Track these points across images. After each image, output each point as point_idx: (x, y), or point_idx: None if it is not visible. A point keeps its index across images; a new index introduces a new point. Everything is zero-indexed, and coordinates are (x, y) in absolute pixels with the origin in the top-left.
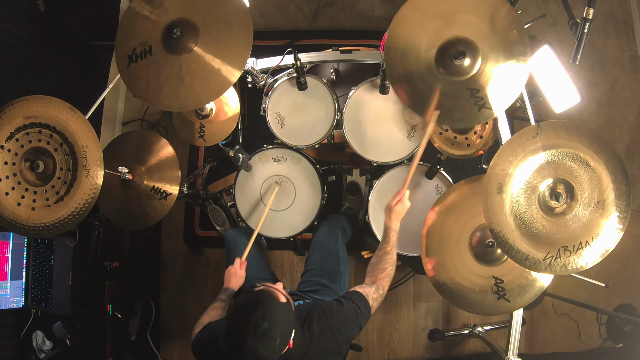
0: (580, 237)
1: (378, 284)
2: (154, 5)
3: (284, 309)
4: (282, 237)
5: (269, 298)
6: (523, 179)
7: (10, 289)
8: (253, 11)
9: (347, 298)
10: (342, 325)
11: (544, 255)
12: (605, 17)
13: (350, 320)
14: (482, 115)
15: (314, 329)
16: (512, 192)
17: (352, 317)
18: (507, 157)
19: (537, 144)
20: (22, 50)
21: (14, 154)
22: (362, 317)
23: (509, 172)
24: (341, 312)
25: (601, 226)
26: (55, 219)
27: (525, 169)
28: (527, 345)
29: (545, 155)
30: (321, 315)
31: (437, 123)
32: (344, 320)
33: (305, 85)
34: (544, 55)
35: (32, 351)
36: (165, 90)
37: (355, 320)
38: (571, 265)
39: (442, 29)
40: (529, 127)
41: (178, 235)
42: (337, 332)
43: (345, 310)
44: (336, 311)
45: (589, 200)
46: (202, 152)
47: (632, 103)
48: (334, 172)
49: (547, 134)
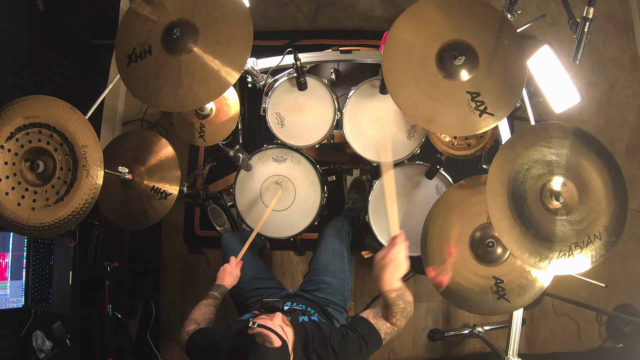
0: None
1: (393, 320)
2: (154, 5)
3: (277, 356)
4: (282, 237)
5: (263, 346)
6: (524, 181)
7: (10, 288)
8: (253, 11)
9: (355, 330)
10: (343, 353)
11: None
12: (605, 17)
13: (351, 355)
14: (483, 121)
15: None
16: (514, 195)
17: (354, 352)
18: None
19: (538, 144)
20: (22, 50)
21: (14, 154)
22: (367, 351)
23: (510, 172)
24: (343, 347)
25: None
26: (55, 219)
27: (525, 171)
28: (527, 345)
29: (545, 155)
30: (322, 349)
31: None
32: (343, 357)
33: (305, 85)
34: (544, 55)
35: (32, 351)
36: (164, 90)
37: (357, 354)
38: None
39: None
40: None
41: (178, 235)
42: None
43: (348, 346)
44: (338, 346)
45: (589, 198)
46: (202, 152)
47: (632, 103)
48: (334, 172)
49: (548, 134)
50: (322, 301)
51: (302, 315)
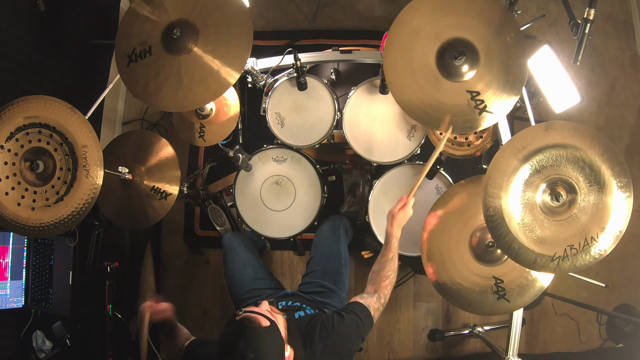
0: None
1: (380, 292)
2: (154, 5)
3: (268, 334)
4: (282, 237)
5: (250, 326)
6: (522, 182)
7: (10, 289)
8: (253, 11)
9: (349, 310)
10: (344, 340)
11: (551, 256)
12: (605, 17)
13: (352, 334)
14: (482, 119)
15: (316, 347)
16: (512, 195)
17: (354, 330)
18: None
19: (536, 144)
20: (22, 50)
21: (14, 154)
22: (364, 329)
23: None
24: (343, 326)
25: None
26: (55, 219)
27: (524, 171)
28: (527, 345)
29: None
30: (323, 332)
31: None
32: (346, 335)
33: (305, 85)
34: (544, 55)
35: (32, 351)
36: (163, 90)
37: (357, 333)
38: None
39: (440, 32)
40: (532, 127)
41: (178, 235)
42: (340, 348)
43: (347, 325)
44: (338, 326)
45: (589, 198)
46: (202, 152)
47: (632, 103)
48: (334, 172)
49: (548, 134)
50: (320, 303)
51: (297, 311)
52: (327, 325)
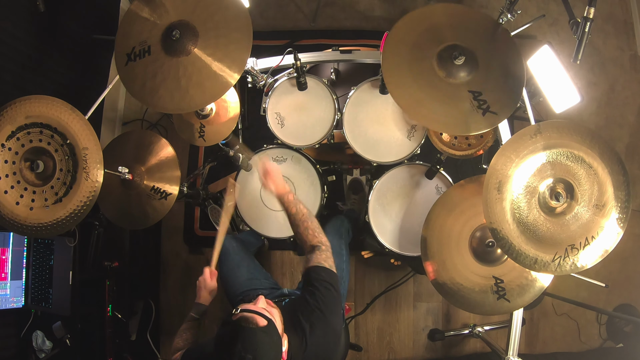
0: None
1: (314, 243)
2: (154, 7)
3: (265, 334)
4: (282, 237)
5: (247, 327)
6: (522, 182)
7: (10, 289)
8: (253, 11)
9: (310, 279)
10: (323, 305)
11: (552, 257)
12: (605, 17)
13: (327, 295)
14: (486, 120)
15: (304, 326)
16: (512, 196)
17: (326, 290)
18: (507, 158)
19: (536, 144)
20: (22, 50)
21: (15, 152)
22: (333, 283)
23: (508, 173)
24: (316, 294)
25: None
26: (54, 219)
27: (523, 172)
28: (527, 345)
29: (544, 155)
30: (303, 310)
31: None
32: (323, 299)
33: (305, 85)
34: (544, 55)
35: (32, 351)
36: (160, 91)
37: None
38: (581, 262)
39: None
40: (528, 127)
41: (178, 235)
42: (321, 314)
43: (319, 291)
44: (311, 298)
45: (589, 197)
46: (202, 152)
47: (632, 103)
48: (334, 172)
49: (546, 134)
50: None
51: (284, 299)
52: (303, 303)
